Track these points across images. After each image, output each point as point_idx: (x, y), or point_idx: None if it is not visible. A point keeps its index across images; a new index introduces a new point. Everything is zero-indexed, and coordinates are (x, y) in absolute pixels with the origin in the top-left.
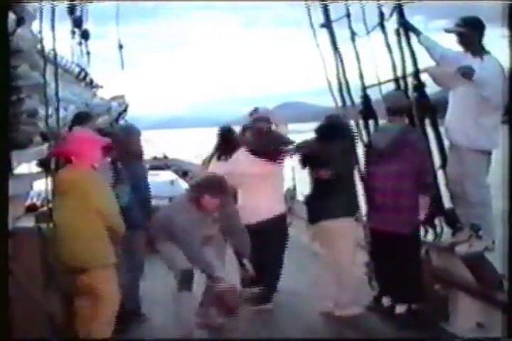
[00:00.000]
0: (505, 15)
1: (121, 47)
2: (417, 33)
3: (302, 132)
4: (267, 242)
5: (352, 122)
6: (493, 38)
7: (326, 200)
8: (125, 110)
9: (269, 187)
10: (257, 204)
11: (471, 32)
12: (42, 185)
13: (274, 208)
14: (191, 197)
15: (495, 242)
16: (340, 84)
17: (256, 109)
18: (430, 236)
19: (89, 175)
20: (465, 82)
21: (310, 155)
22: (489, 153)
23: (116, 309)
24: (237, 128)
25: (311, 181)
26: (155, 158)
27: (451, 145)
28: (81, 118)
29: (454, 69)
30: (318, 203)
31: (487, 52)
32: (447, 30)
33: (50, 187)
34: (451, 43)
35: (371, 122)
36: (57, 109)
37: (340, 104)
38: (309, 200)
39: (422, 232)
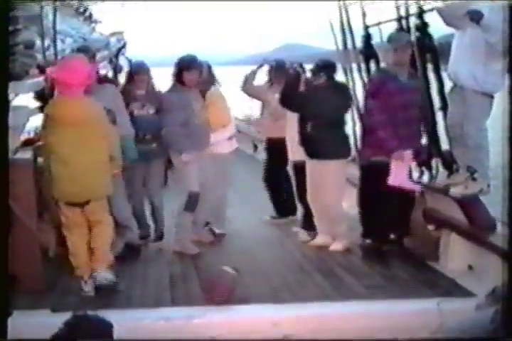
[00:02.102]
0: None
1: None
2: None
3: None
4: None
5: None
6: None
7: (327, 141)
8: (124, 46)
9: None
10: None
11: None
12: (40, 120)
13: None
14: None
15: (490, 185)
16: (342, 25)
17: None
18: (426, 178)
19: (47, 107)
20: (473, 25)
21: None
22: (492, 97)
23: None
24: (235, 69)
25: (305, 122)
26: None
27: (454, 87)
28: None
29: (464, 11)
30: (319, 143)
31: None
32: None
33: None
34: None
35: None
36: (54, 41)
37: (341, 46)
38: (309, 139)
39: (417, 173)
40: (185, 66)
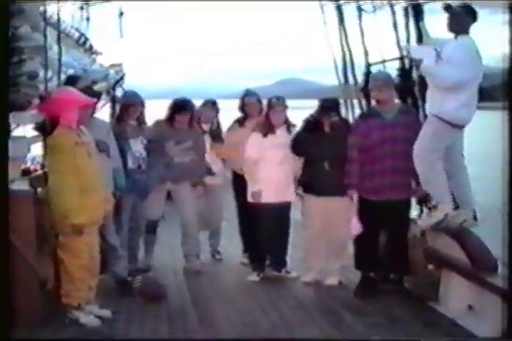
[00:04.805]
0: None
1: (121, 14)
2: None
3: (300, 109)
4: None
5: (354, 100)
6: (495, 24)
7: (336, 178)
8: (122, 78)
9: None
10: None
11: (465, 15)
12: (37, 149)
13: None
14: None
15: (476, 217)
16: (344, 60)
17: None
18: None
19: (58, 139)
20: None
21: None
22: (454, 126)
23: (77, 275)
24: (234, 102)
25: (320, 162)
26: None
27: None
28: (70, 80)
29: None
30: (329, 180)
31: (466, 34)
32: (447, 7)
33: (44, 151)
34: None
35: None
36: (59, 72)
37: (342, 81)
38: (319, 177)
39: (417, 212)
40: (178, 109)
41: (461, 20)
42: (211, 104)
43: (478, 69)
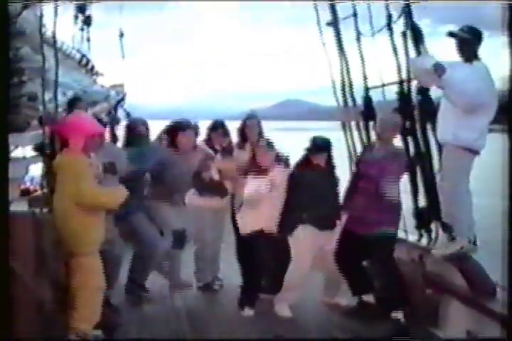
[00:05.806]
0: (505, 23)
1: (121, 35)
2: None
3: (302, 130)
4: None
5: (352, 122)
6: (495, 45)
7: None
8: (122, 99)
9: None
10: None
11: (472, 39)
12: (36, 170)
13: None
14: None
15: (476, 242)
16: (343, 83)
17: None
18: (425, 241)
19: (72, 162)
20: (436, 80)
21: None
22: (474, 153)
23: (94, 298)
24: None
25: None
26: None
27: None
28: (72, 103)
29: (431, 63)
30: (328, 213)
31: (479, 60)
32: (451, 34)
33: (44, 172)
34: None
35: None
36: (55, 93)
37: (341, 103)
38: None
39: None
40: (180, 128)
41: (469, 46)
42: (220, 126)
43: (494, 96)
